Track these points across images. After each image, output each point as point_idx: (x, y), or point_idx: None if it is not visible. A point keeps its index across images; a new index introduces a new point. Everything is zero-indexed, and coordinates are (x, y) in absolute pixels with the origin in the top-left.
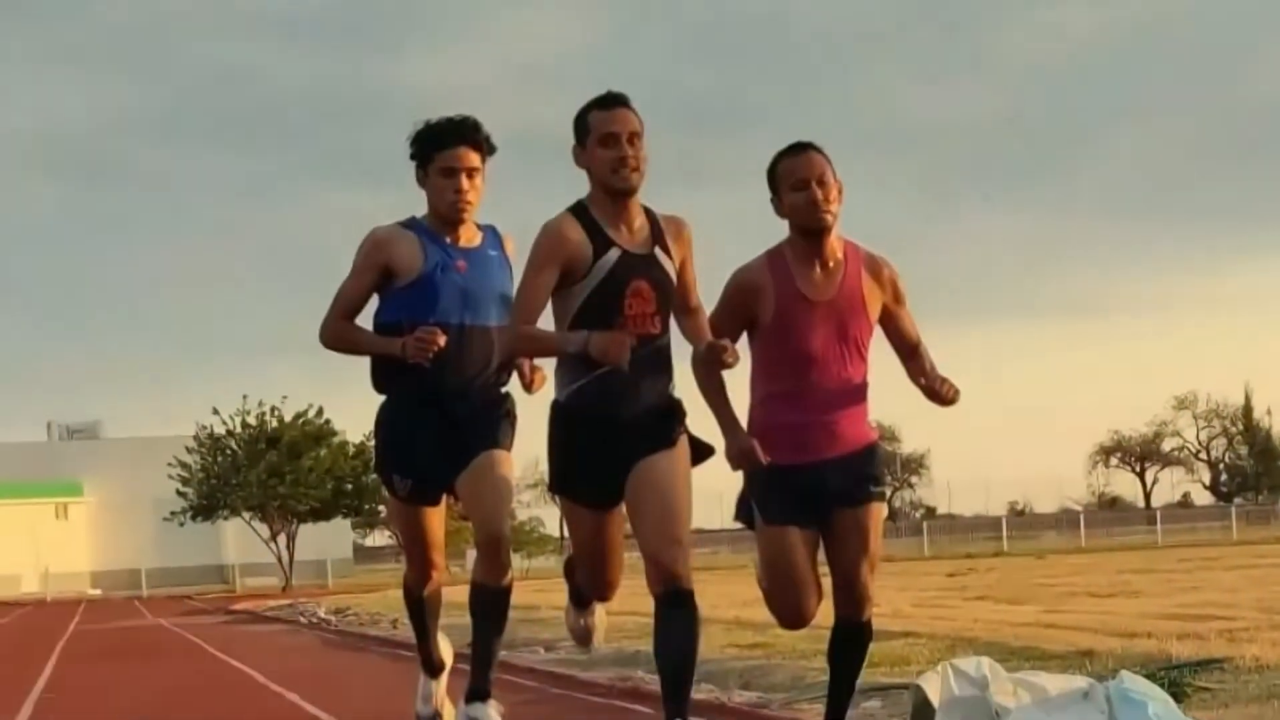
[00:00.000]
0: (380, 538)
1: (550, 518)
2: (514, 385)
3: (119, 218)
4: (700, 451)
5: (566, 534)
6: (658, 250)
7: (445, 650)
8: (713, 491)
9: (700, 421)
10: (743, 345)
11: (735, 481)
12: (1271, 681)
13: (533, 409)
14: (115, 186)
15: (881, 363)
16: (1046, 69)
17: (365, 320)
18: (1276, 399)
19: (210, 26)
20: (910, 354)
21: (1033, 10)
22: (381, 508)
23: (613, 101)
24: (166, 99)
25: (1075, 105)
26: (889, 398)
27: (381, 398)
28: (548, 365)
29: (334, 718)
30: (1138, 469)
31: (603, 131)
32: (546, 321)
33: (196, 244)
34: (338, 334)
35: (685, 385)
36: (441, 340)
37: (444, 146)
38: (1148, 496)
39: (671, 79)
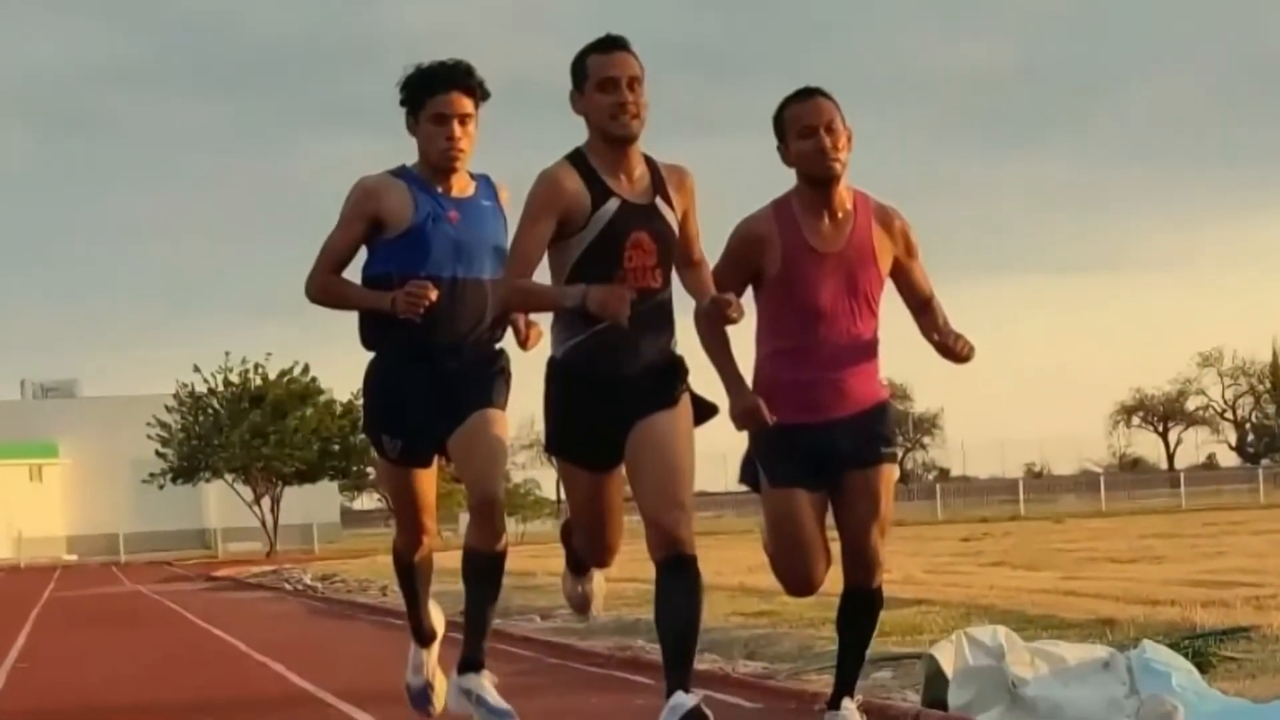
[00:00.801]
0: (369, 501)
1: (546, 480)
2: (508, 341)
3: (98, 169)
4: (703, 411)
5: (563, 497)
6: (659, 200)
7: (437, 618)
8: (716, 452)
9: (703, 379)
10: (748, 300)
11: (740, 442)
12: None
13: (528, 366)
14: (94, 137)
15: (893, 318)
16: (1063, 13)
17: (354, 273)
18: None
19: None
20: (922, 309)
21: None
22: (370, 469)
23: (612, 45)
24: (148, 47)
25: (1094, 51)
26: (900, 354)
27: (370, 354)
28: (544, 320)
29: (320, 689)
30: (1160, 429)
31: (601, 76)
32: (543, 275)
33: (178, 196)
34: (324, 288)
35: (687, 341)
36: (433, 294)
37: (435, 92)
38: (1171, 458)
39: (674, 22)
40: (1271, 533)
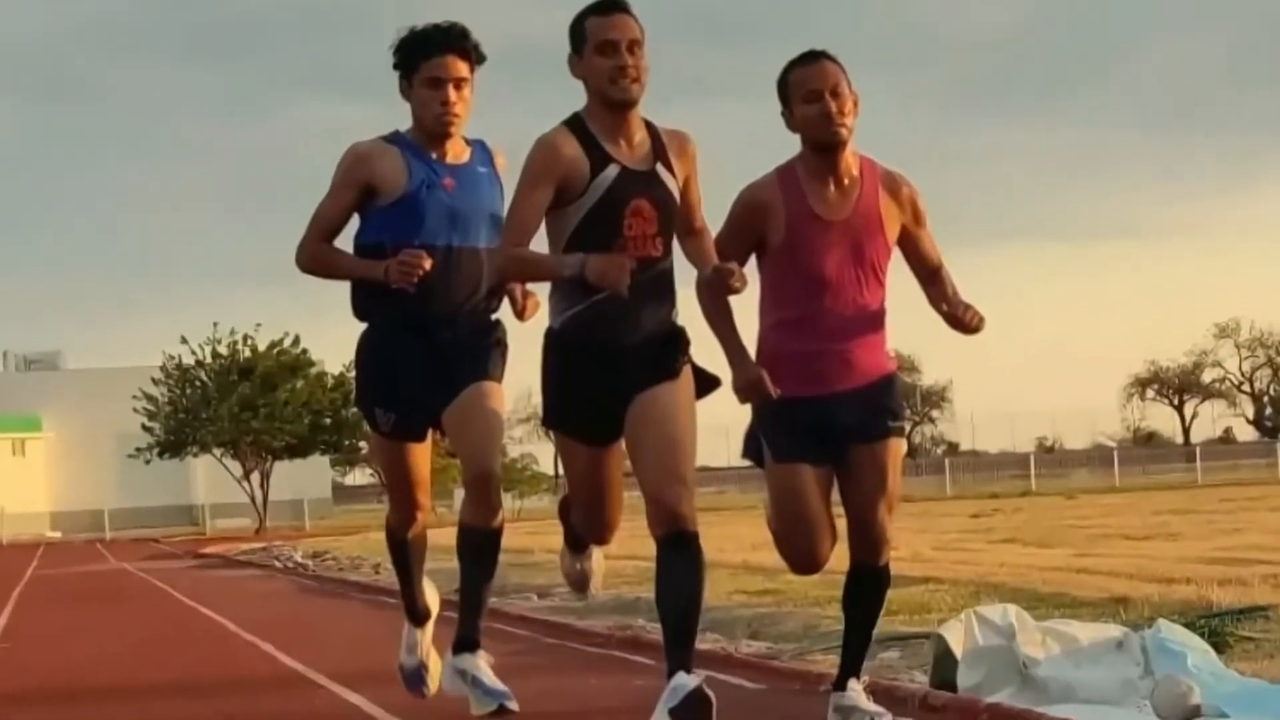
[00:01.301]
0: (361, 476)
1: (544, 454)
2: (505, 312)
3: (81, 135)
4: (705, 383)
5: (561, 472)
6: (659, 167)
7: (431, 597)
8: (719, 426)
9: (705, 351)
10: (751, 269)
11: (743, 415)
12: None
13: (525, 337)
14: (76, 102)
15: (900, 288)
16: None
17: (346, 242)
18: None
19: None
20: (931, 278)
21: None
22: (362, 444)
23: (611, 7)
24: (132, 8)
25: (1104, 14)
26: (908, 325)
27: (363, 325)
28: (541, 290)
29: (311, 669)
30: (1175, 402)
31: (600, 39)
32: (540, 243)
33: (165, 161)
34: (316, 257)
35: (689, 312)
36: (427, 263)
37: (430, 55)
38: (1186, 431)
39: None
40: None
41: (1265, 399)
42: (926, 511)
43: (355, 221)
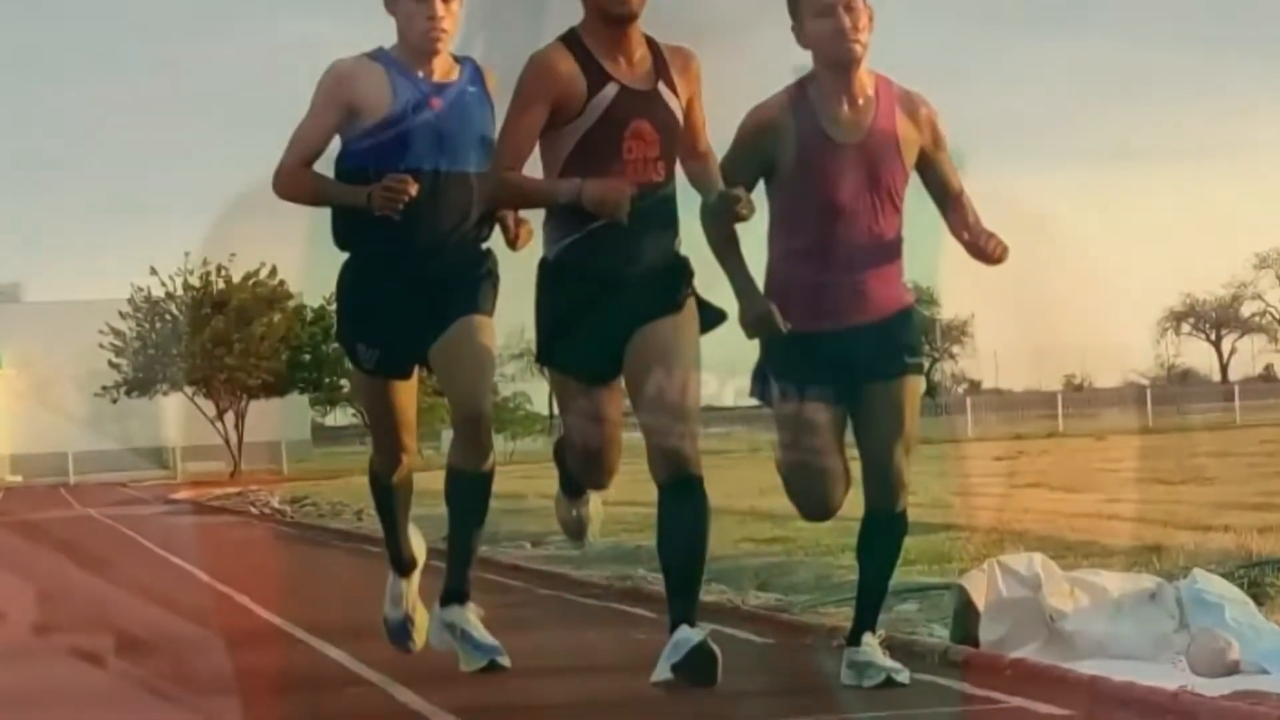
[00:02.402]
0: (343, 416)
1: (538, 393)
2: (496, 240)
3: (40, 52)
4: (709, 317)
5: (556, 412)
6: (661, 86)
7: (417, 545)
8: (724, 363)
9: (710, 282)
10: (760, 195)
11: (751, 351)
12: None
13: (518, 267)
14: (35, 17)
15: (918, 215)
16: None
17: (327, 166)
18: None
19: None
20: (951, 205)
21: None
22: (344, 382)
23: None
24: None
25: None
26: (926, 255)
27: (345, 255)
28: (535, 218)
29: (290, 623)
30: (1213, 337)
31: None
32: (534, 167)
33: (134, 81)
34: (295, 182)
35: (692, 241)
36: (413, 189)
37: None
38: (1224, 369)
39: None
40: None
41: None
42: (946, 454)
43: (337, 144)
